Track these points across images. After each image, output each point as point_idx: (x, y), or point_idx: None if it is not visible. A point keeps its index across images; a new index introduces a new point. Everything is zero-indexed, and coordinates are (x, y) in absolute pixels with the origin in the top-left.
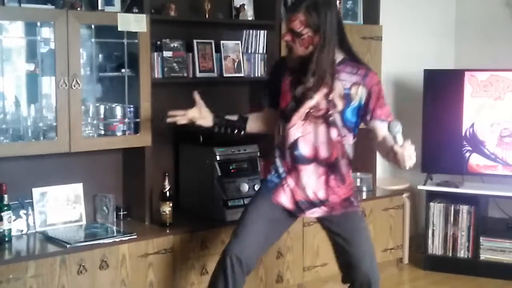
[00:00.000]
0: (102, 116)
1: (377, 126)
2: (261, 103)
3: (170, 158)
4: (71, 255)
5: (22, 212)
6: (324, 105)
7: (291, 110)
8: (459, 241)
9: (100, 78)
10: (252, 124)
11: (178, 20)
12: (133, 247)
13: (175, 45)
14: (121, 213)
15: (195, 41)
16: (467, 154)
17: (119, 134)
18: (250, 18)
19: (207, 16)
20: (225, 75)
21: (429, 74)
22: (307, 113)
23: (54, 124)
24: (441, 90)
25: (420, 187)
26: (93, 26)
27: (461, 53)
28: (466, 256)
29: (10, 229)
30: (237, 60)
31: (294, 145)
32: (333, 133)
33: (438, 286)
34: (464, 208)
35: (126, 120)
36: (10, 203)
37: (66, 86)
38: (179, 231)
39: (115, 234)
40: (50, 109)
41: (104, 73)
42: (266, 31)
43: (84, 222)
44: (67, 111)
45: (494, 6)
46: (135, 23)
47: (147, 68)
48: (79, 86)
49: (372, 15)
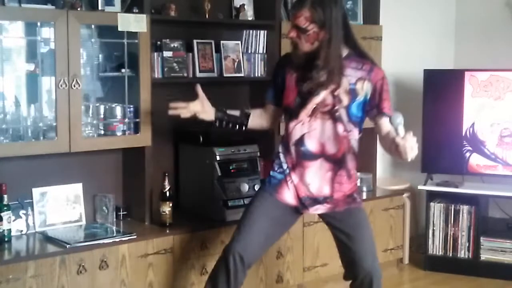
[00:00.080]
0: (102, 116)
1: (381, 121)
2: (264, 98)
3: (170, 158)
4: (71, 255)
5: (21, 212)
6: (330, 100)
7: (298, 106)
8: (459, 241)
9: (100, 78)
10: (254, 120)
11: (178, 20)
12: (133, 247)
13: (175, 45)
14: (121, 213)
15: (195, 41)
16: (467, 154)
17: (119, 134)
18: (250, 18)
19: (207, 16)
20: (225, 75)
21: (429, 74)
22: (314, 109)
23: (54, 124)
24: (441, 90)
25: (420, 187)
26: (93, 26)
27: (461, 53)
28: (467, 256)
29: (10, 229)
30: (237, 60)
31: (300, 141)
32: (340, 128)
33: (438, 286)
34: (465, 208)
35: (126, 120)
36: (9, 203)
37: (66, 86)
38: (179, 231)
39: (114, 234)
40: (50, 109)
41: (104, 73)
42: (266, 31)
43: (83, 222)
44: (67, 111)
45: (494, 6)
46: (135, 23)
47: (147, 68)
48: (79, 86)
49: (372, 15)
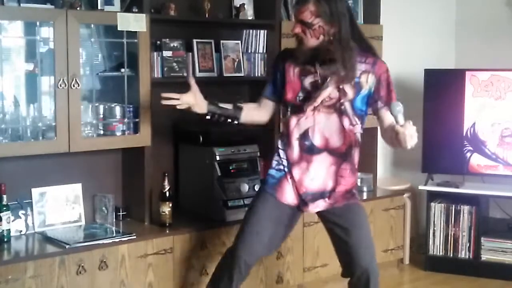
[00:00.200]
0: (101, 116)
1: (384, 113)
2: (262, 93)
3: (169, 158)
4: (70, 256)
5: (21, 212)
6: (335, 94)
7: (302, 101)
8: (460, 242)
9: (100, 78)
10: (247, 114)
11: (178, 19)
12: (132, 248)
13: (175, 45)
14: (121, 213)
15: (195, 40)
16: (468, 154)
17: (118, 134)
18: (250, 18)
19: (207, 16)
20: (225, 75)
21: (429, 73)
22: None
23: (53, 124)
24: (441, 90)
25: (421, 187)
26: (92, 25)
27: (462, 52)
28: (467, 257)
29: (9, 229)
30: (237, 60)
31: (304, 135)
32: (346, 122)
33: (439, 286)
34: (465, 208)
35: (126, 120)
36: (9, 203)
37: (65, 86)
38: (179, 232)
39: (114, 235)
40: (50, 109)
41: (104, 73)
42: (266, 31)
43: (83, 223)
44: (66, 111)
45: (495, 5)
46: (135, 22)
47: (146, 67)
48: (78, 86)
49: (372, 14)
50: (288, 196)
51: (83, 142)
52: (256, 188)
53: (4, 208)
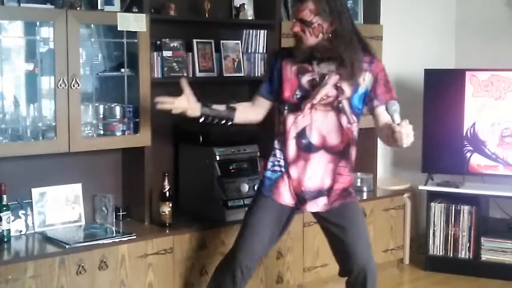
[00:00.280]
0: (101, 116)
1: (381, 112)
2: (258, 92)
3: (170, 158)
4: (70, 256)
5: (21, 212)
6: (333, 92)
7: (300, 99)
8: (460, 242)
9: (100, 78)
10: (241, 115)
11: (178, 19)
12: (132, 248)
13: (175, 45)
14: (121, 213)
15: (195, 40)
16: (468, 154)
17: (118, 134)
18: (250, 18)
19: (207, 16)
20: (225, 75)
21: (429, 73)
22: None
23: (53, 124)
24: (441, 90)
25: (420, 187)
26: (92, 25)
27: (462, 52)
28: (467, 257)
29: (9, 229)
30: (237, 60)
31: (301, 133)
32: (344, 120)
33: (439, 286)
34: (465, 209)
35: (126, 120)
36: (9, 203)
37: (65, 86)
38: (179, 232)
39: (114, 235)
40: (49, 109)
41: (104, 73)
42: (266, 31)
43: (83, 223)
44: (66, 111)
45: (495, 5)
46: (135, 22)
47: (146, 67)
48: (78, 86)
49: (372, 14)
50: (285, 196)
51: (83, 142)
52: (256, 188)
53: (4, 208)
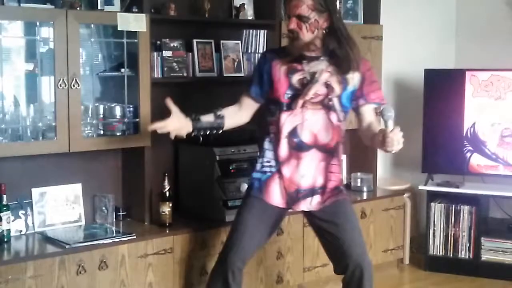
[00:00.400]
0: (101, 116)
1: (366, 111)
2: (245, 92)
3: (170, 158)
4: (70, 256)
5: (21, 212)
6: (323, 90)
7: (291, 98)
8: (460, 242)
9: (100, 78)
10: (229, 121)
11: (178, 19)
12: (132, 248)
13: (175, 45)
14: (121, 213)
15: (195, 40)
16: (468, 154)
17: (118, 134)
18: (250, 18)
19: (207, 16)
20: (225, 75)
21: (429, 73)
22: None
23: (53, 124)
24: (441, 90)
25: (421, 187)
26: (92, 25)
27: (462, 52)
28: (467, 257)
29: (9, 229)
30: (237, 60)
31: (293, 132)
32: (333, 117)
33: (439, 286)
34: (465, 209)
35: (126, 120)
36: (9, 204)
37: (65, 86)
38: (179, 232)
39: (114, 235)
40: (49, 109)
41: (104, 73)
42: (266, 31)
43: (83, 223)
44: (66, 111)
45: (495, 5)
46: (135, 22)
47: (146, 68)
48: (78, 86)
49: (372, 14)
50: (276, 197)
51: (83, 142)
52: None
53: (4, 208)
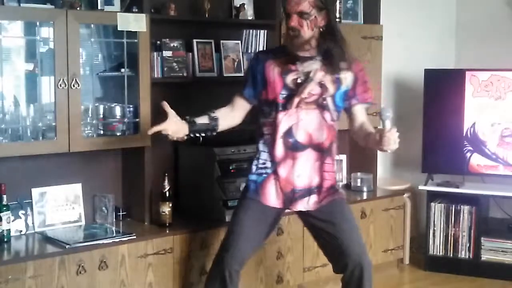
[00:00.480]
0: (101, 116)
1: (358, 110)
2: (239, 94)
3: (170, 158)
4: (70, 256)
5: (21, 212)
6: (317, 90)
7: (286, 98)
8: (460, 242)
9: (100, 78)
10: (223, 122)
11: (178, 19)
12: (132, 248)
13: (175, 45)
14: (121, 213)
15: (195, 40)
16: (468, 154)
17: (118, 134)
18: (250, 18)
19: (207, 16)
20: (225, 74)
21: (429, 73)
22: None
23: (53, 124)
24: (441, 90)
25: (421, 187)
26: (92, 25)
27: (462, 52)
28: (467, 257)
29: (9, 229)
30: (237, 60)
31: (288, 132)
32: (327, 117)
33: (439, 286)
34: (465, 209)
35: (126, 120)
36: (9, 203)
37: (65, 86)
38: (179, 231)
39: (114, 235)
40: (49, 109)
41: (104, 73)
42: (266, 31)
43: (83, 223)
44: (66, 111)
45: (495, 5)
46: (135, 22)
47: (146, 67)
48: (78, 86)
49: (372, 14)
50: (272, 198)
51: (83, 142)
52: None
53: (4, 208)
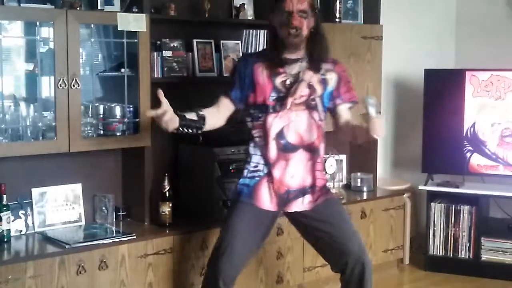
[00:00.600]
0: (101, 116)
1: (343, 110)
2: (225, 95)
3: (170, 158)
4: (70, 256)
5: (21, 212)
6: (306, 91)
7: (276, 100)
8: (460, 242)
9: (100, 78)
10: (209, 122)
11: (178, 19)
12: (132, 248)
13: (175, 45)
14: (121, 213)
15: (195, 40)
16: (468, 154)
17: (118, 134)
18: (250, 18)
19: (207, 16)
20: (225, 75)
21: (429, 73)
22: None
23: (53, 124)
24: (441, 90)
25: (421, 187)
26: (92, 25)
27: (462, 52)
28: (467, 257)
29: (9, 229)
30: None
31: (280, 134)
32: (316, 117)
33: (438, 286)
34: (465, 208)
35: (126, 120)
36: (9, 203)
37: (65, 86)
38: (179, 232)
39: (114, 235)
40: (49, 109)
41: (104, 73)
42: (266, 31)
43: (83, 223)
44: (66, 111)
45: (495, 5)
46: (135, 22)
47: (146, 67)
48: (78, 86)
49: (372, 14)
50: (266, 200)
51: (83, 142)
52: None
53: (4, 208)
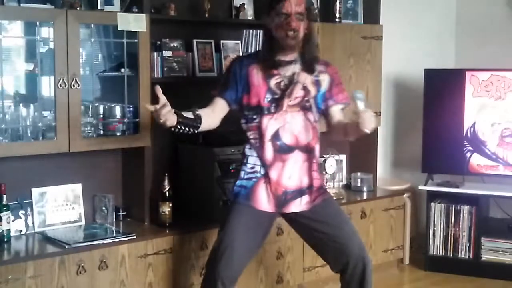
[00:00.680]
0: (101, 116)
1: (335, 111)
2: (219, 95)
3: (170, 158)
4: (70, 256)
5: (21, 212)
6: (300, 93)
7: (271, 102)
8: (460, 242)
9: (100, 78)
10: (205, 121)
11: (178, 19)
12: (132, 248)
13: (175, 45)
14: (121, 213)
15: (195, 40)
16: (468, 154)
17: (118, 134)
18: (250, 18)
19: (207, 16)
20: None
21: (429, 73)
22: (283, 102)
23: (53, 124)
24: (441, 90)
25: (421, 187)
26: (92, 25)
27: (462, 52)
28: (467, 257)
29: (9, 229)
30: None
31: (275, 135)
32: (311, 118)
33: (439, 286)
34: (465, 208)
35: (126, 120)
36: (9, 203)
37: (65, 86)
38: (179, 231)
39: (114, 235)
40: (49, 109)
41: (104, 73)
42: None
43: (83, 223)
44: (66, 111)
45: (495, 5)
46: (135, 22)
47: (146, 67)
48: (78, 86)
49: (372, 14)
50: (264, 201)
51: (83, 142)
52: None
53: (4, 208)
